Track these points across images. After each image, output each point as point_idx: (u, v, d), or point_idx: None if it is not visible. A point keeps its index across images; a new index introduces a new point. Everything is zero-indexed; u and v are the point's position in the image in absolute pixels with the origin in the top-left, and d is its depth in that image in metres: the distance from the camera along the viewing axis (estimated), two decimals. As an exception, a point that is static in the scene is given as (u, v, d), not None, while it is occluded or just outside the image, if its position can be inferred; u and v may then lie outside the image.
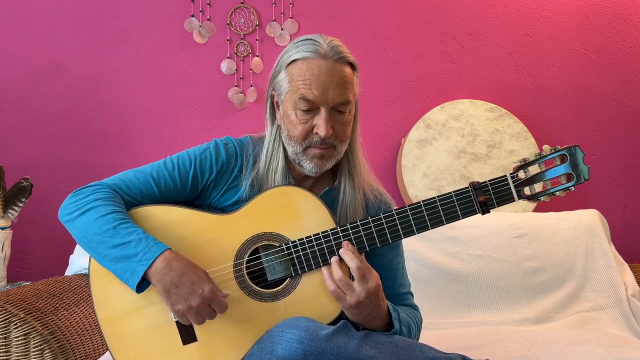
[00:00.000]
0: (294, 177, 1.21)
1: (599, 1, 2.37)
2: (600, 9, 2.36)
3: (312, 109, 1.11)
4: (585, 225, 1.98)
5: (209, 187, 1.20)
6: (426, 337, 1.59)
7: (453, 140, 2.19)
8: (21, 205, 2.01)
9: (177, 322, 1.10)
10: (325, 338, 0.97)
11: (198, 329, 1.10)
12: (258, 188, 1.18)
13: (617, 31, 2.37)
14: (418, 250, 1.90)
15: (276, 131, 1.20)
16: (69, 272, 1.85)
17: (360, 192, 1.23)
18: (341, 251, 1.09)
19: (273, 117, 1.21)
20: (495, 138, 2.19)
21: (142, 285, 1.04)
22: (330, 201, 1.21)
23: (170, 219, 1.13)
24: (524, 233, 1.95)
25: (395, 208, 1.12)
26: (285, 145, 1.18)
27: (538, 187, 1.11)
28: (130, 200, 1.15)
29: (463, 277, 1.88)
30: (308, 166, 1.16)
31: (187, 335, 1.10)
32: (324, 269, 1.09)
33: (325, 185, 1.24)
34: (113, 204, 1.09)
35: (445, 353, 1.07)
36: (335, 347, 0.97)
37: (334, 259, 1.09)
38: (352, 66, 1.16)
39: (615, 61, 2.37)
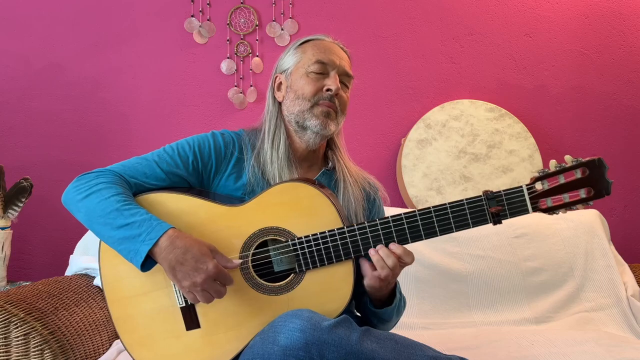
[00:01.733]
0: (295, 156, 1.26)
1: (599, 1, 2.37)
2: (600, 9, 2.36)
3: (323, 72, 1.23)
4: (585, 225, 1.98)
5: (209, 172, 1.23)
6: (426, 337, 1.59)
7: (453, 140, 2.19)
8: (21, 205, 2.01)
9: (182, 308, 1.12)
10: (327, 329, 0.98)
11: (202, 316, 1.12)
12: (261, 168, 1.22)
13: (617, 31, 2.37)
14: (418, 250, 1.90)
15: (277, 109, 1.28)
16: (69, 272, 1.85)
17: (355, 177, 1.31)
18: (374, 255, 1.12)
19: (274, 99, 1.30)
20: (495, 138, 2.19)
21: (147, 264, 1.05)
22: (328, 183, 1.28)
23: (179, 207, 1.15)
24: (524, 233, 1.95)
25: (404, 212, 1.12)
26: (289, 112, 1.26)
27: (555, 199, 1.06)
28: (135, 182, 1.17)
29: (463, 277, 1.88)
30: (313, 124, 1.22)
31: (191, 321, 1.12)
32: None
33: (321, 167, 1.31)
34: (116, 187, 1.11)
35: (444, 354, 1.07)
36: (336, 338, 0.97)
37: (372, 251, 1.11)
38: (349, 58, 1.32)
39: (615, 61, 2.37)
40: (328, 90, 1.22)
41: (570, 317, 1.82)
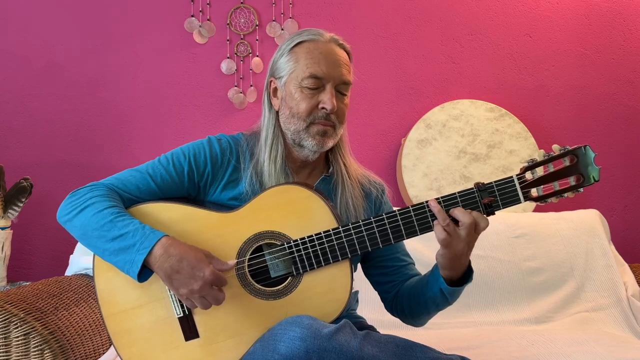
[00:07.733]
0: (291, 166, 1.23)
1: (599, 1, 2.37)
2: (600, 9, 2.37)
3: (318, 86, 1.16)
4: (585, 225, 1.98)
5: (206, 182, 1.21)
6: (426, 337, 1.59)
7: (453, 140, 2.19)
8: (21, 205, 2.01)
9: (180, 318, 1.11)
10: (328, 336, 0.97)
11: (200, 326, 1.11)
12: (259, 180, 1.19)
13: (617, 31, 2.37)
14: (418, 250, 1.90)
15: (274, 117, 1.23)
16: (69, 272, 1.85)
17: (355, 177, 1.27)
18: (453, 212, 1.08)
19: (270, 105, 1.24)
20: (495, 138, 2.19)
21: (144, 274, 1.05)
22: (327, 189, 1.24)
23: (172, 216, 1.14)
24: (524, 233, 1.95)
25: (397, 209, 1.11)
26: (285, 127, 1.20)
27: (546, 188, 1.06)
28: (129, 197, 1.16)
29: (463, 277, 1.87)
30: (310, 144, 1.18)
31: (190, 331, 1.11)
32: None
33: (321, 173, 1.27)
34: (109, 200, 1.11)
35: (445, 354, 1.07)
36: (337, 346, 0.97)
37: (432, 202, 1.07)
38: (349, 55, 1.23)
39: (615, 61, 2.37)
40: (323, 108, 1.16)
41: (571, 317, 1.82)
